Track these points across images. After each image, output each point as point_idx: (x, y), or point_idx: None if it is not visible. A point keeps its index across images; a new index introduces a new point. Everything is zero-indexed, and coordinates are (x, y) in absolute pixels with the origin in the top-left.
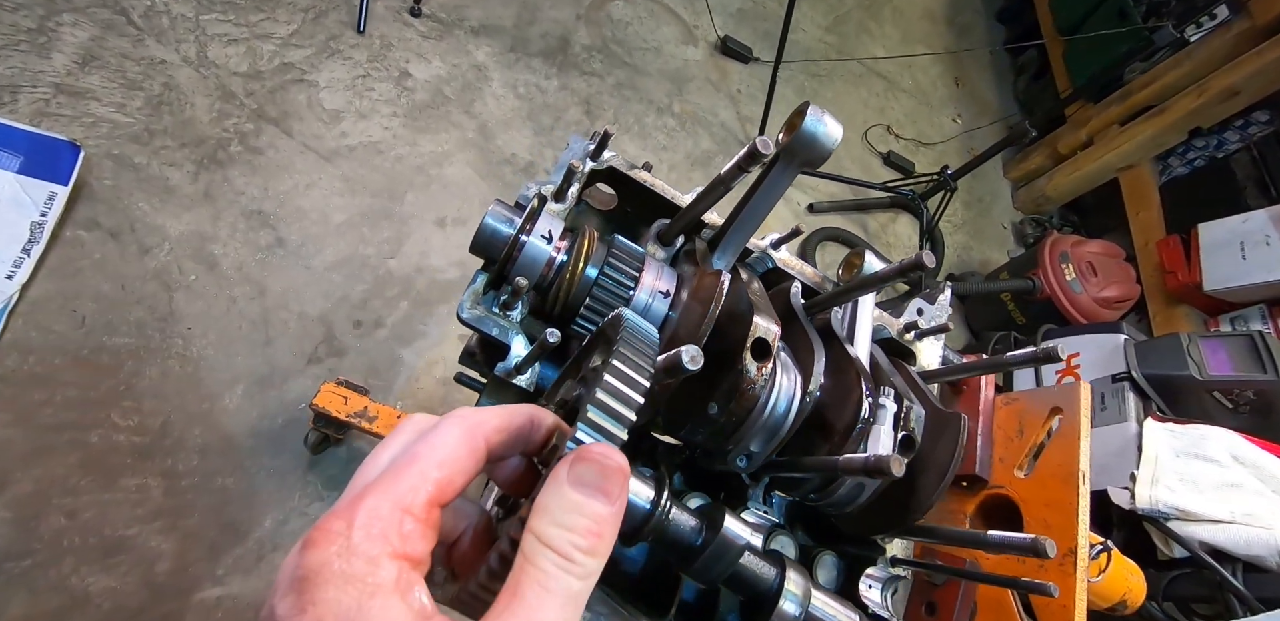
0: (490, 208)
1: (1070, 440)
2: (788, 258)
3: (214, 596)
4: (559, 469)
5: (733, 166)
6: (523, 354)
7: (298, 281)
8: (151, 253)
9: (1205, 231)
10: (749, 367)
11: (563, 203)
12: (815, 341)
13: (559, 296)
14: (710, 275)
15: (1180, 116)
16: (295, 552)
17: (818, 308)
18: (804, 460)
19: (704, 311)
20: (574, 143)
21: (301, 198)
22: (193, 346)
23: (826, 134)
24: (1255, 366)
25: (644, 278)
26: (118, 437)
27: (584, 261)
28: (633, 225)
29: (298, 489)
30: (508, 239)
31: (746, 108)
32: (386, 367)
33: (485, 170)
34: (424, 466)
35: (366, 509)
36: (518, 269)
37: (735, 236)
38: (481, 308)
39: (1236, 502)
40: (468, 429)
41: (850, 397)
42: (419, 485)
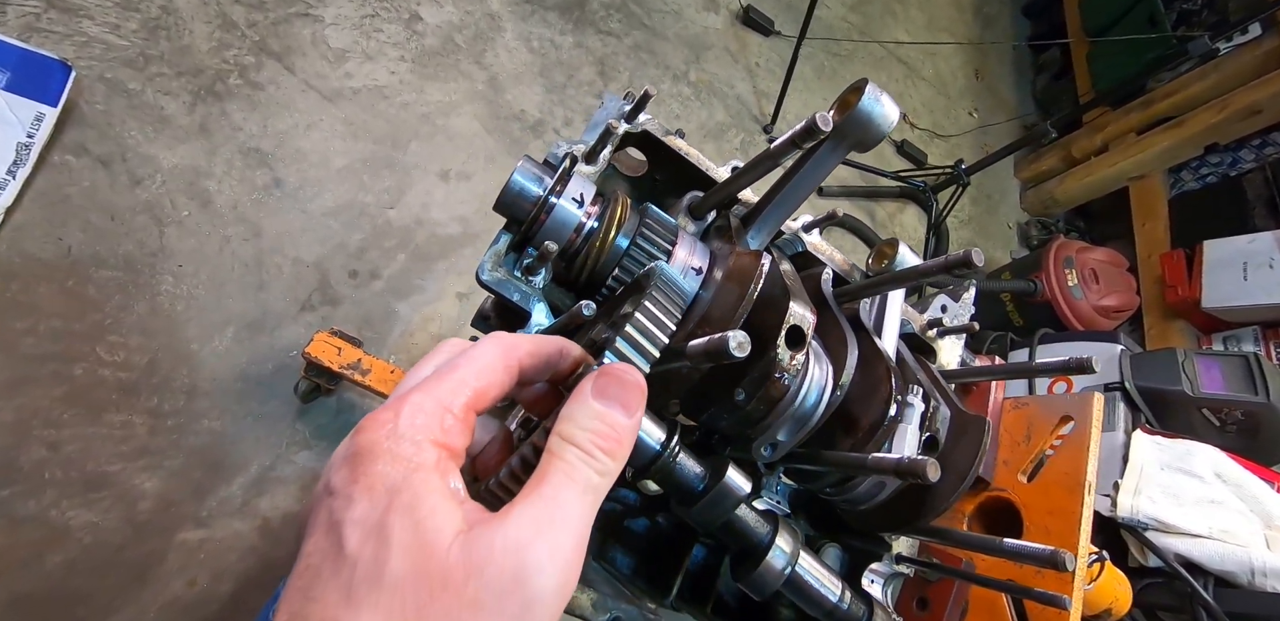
0: (519, 164)
1: (1079, 450)
2: (818, 242)
3: (197, 538)
4: (584, 383)
5: (785, 141)
6: (544, 323)
7: (294, 225)
8: (143, 184)
9: (1210, 249)
10: (782, 355)
11: (594, 165)
12: (848, 332)
13: (586, 264)
14: (748, 255)
15: (1199, 131)
16: (348, 438)
17: (846, 297)
18: (828, 454)
19: (741, 293)
20: (609, 101)
21: (301, 138)
22: (183, 284)
23: (883, 115)
24: (1247, 387)
25: (677, 252)
26: (103, 372)
27: (615, 230)
28: (660, 194)
29: (285, 436)
30: (536, 199)
31: (763, 82)
32: (381, 320)
33: (493, 125)
34: (464, 374)
35: (413, 403)
36: (545, 232)
37: (772, 216)
38: (503, 270)
39: (1215, 518)
40: (504, 348)
41: (878, 393)
42: (459, 389)
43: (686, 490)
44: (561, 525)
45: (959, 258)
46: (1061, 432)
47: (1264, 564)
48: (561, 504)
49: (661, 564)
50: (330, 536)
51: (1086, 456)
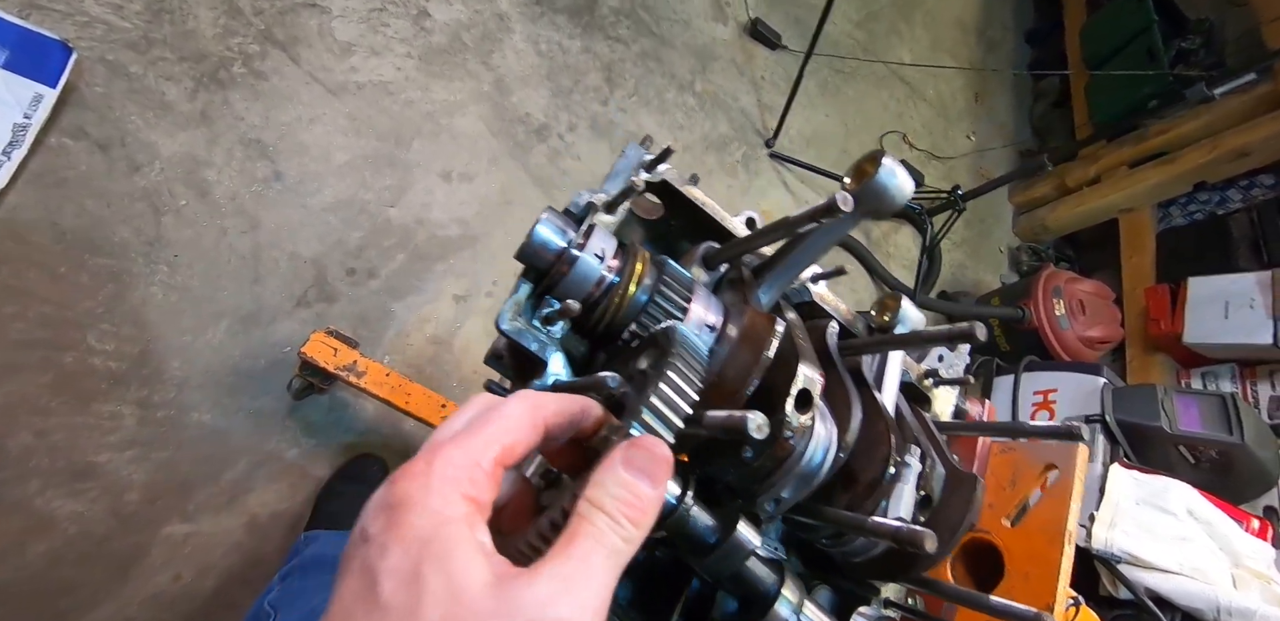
0: (543, 216)
1: (1062, 499)
2: (825, 293)
3: (182, 532)
4: (615, 452)
5: (805, 215)
6: (561, 373)
7: (292, 220)
8: (141, 171)
9: (1194, 286)
10: (790, 417)
11: (614, 215)
12: (852, 393)
13: (605, 317)
14: (763, 318)
15: (1189, 168)
16: (384, 487)
17: (850, 351)
18: (829, 511)
19: (755, 358)
20: (630, 151)
21: (304, 132)
22: (178, 275)
23: (899, 188)
24: (1223, 427)
25: (693, 308)
26: (93, 361)
27: (635, 285)
28: (674, 238)
29: (276, 433)
30: (558, 252)
31: (768, 96)
32: (376, 319)
33: (497, 127)
34: (494, 431)
35: (445, 456)
36: (566, 285)
37: (784, 274)
38: (523, 319)
39: (1186, 555)
40: (531, 407)
41: (877, 452)
42: (489, 444)
43: (698, 542)
44: (587, 584)
45: (962, 330)
46: (1047, 480)
47: (1230, 603)
48: (589, 565)
49: (658, 595)
50: (365, 582)
51: (1069, 507)
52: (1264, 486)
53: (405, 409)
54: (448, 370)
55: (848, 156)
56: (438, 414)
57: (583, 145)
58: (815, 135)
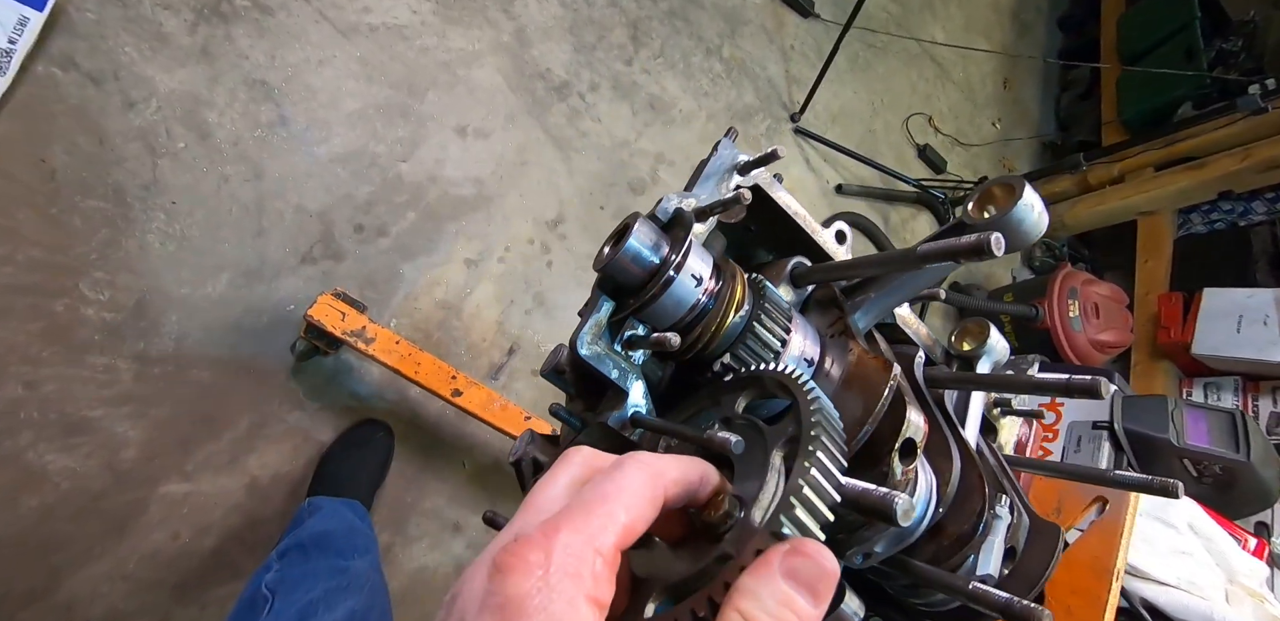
0: (636, 225)
1: (1112, 537)
2: (908, 315)
3: (181, 491)
4: (772, 556)
5: (941, 251)
6: (641, 404)
7: (298, 169)
8: (136, 108)
9: (1209, 297)
10: (895, 469)
11: (705, 224)
12: (950, 439)
13: (696, 346)
14: (875, 361)
15: (1216, 176)
16: (488, 576)
17: (934, 383)
18: (921, 568)
19: (866, 409)
20: (723, 149)
21: (312, 74)
22: (176, 223)
23: (1034, 225)
24: (1230, 443)
25: (792, 339)
26: (86, 310)
27: (735, 312)
28: (750, 245)
29: (278, 394)
30: (651, 269)
31: (796, 67)
32: (384, 280)
33: (516, 82)
34: (613, 508)
35: (562, 544)
36: (658, 309)
37: (883, 301)
38: (603, 343)
39: (1184, 569)
40: (651, 476)
41: (970, 503)
42: (609, 525)
43: None
44: None
45: (1085, 384)
46: (1092, 514)
47: (1223, 618)
48: None
49: None
50: None
51: (1118, 545)
52: (1263, 505)
53: (414, 379)
54: (456, 336)
55: (872, 137)
56: (448, 385)
57: (604, 106)
58: (842, 112)
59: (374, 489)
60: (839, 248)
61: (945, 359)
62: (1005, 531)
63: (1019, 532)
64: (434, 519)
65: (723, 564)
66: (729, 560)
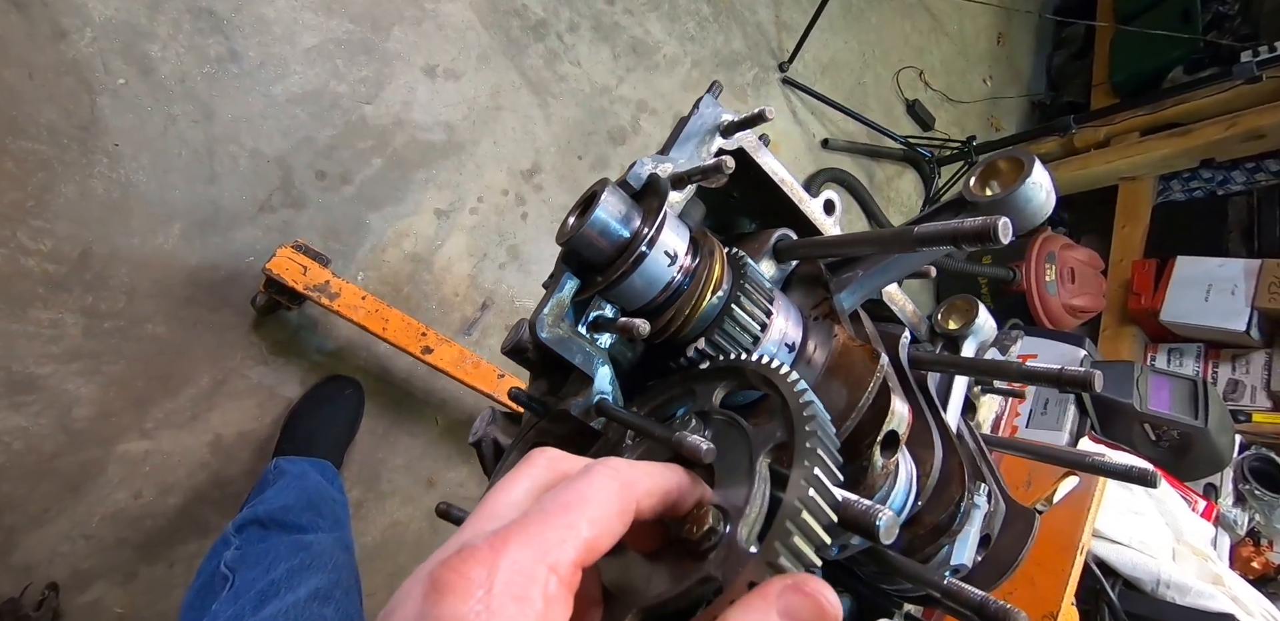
0: (604, 195)
1: (1080, 511)
2: (894, 291)
3: (141, 449)
4: (769, 591)
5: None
6: (608, 391)
7: (253, 110)
8: (69, 39)
9: (1181, 265)
10: (876, 462)
11: (681, 192)
12: (932, 426)
13: (669, 329)
14: (861, 350)
15: (1200, 144)
16: (423, 594)
17: (919, 364)
18: (896, 559)
19: (849, 401)
20: (704, 107)
21: (264, 4)
22: (120, 168)
23: (1040, 206)
24: (1190, 410)
25: (774, 321)
26: (26, 261)
27: (711, 293)
28: (732, 212)
29: (240, 349)
30: (620, 244)
31: (787, 13)
32: (349, 231)
33: (490, 18)
34: (575, 519)
35: (510, 559)
36: (625, 288)
37: (872, 280)
38: (566, 324)
39: (1135, 529)
40: (622, 486)
41: (948, 493)
42: (568, 540)
43: None
44: None
45: (1078, 376)
46: (1064, 487)
47: (1169, 576)
48: None
49: None
50: None
51: (1085, 521)
52: (1215, 468)
53: (382, 335)
54: (426, 291)
55: (861, 90)
56: (417, 342)
57: (583, 48)
58: (831, 63)
59: (344, 446)
60: (827, 219)
61: (930, 336)
62: (982, 521)
63: (995, 520)
64: (406, 474)
65: (706, 585)
66: (712, 583)
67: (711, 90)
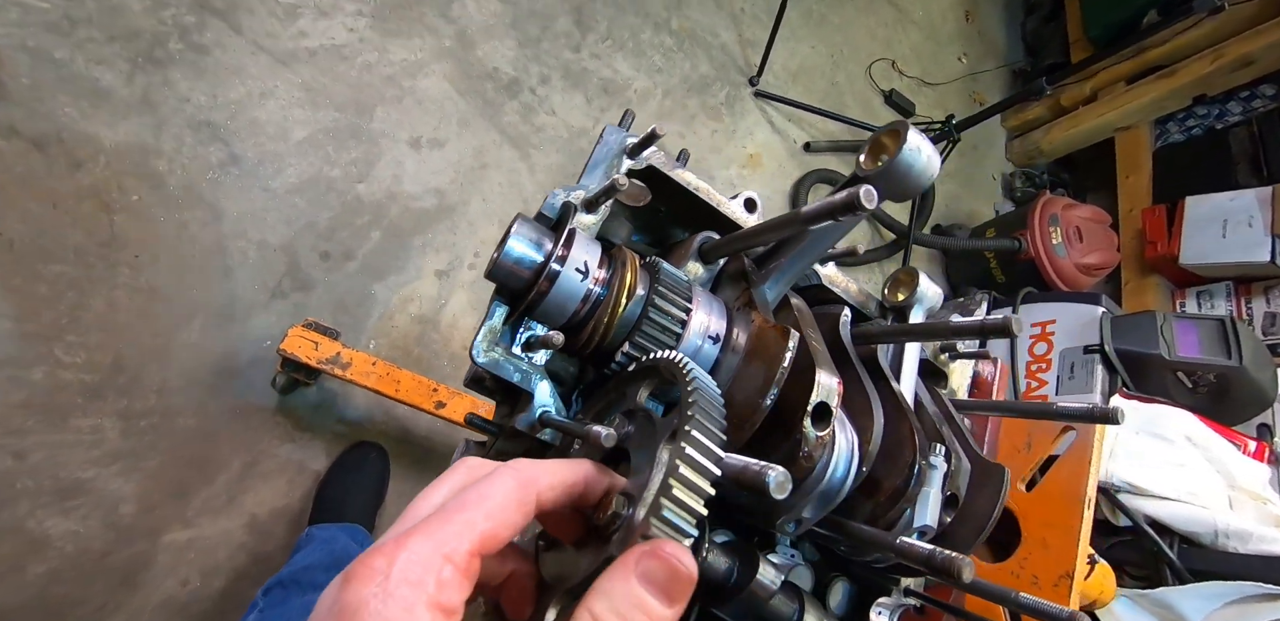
0: (515, 227)
1: (1081, 463)
2: (834, 274)
3: (184, 538)
4: (628, 557)
5: (820, 211)
6: (549, 403)
7: (256, 205)
8: (85, 167)
9: (1191, 205)
10: (809, 434)
11: (595, 214)
12: (872, 394)
13: (593, 338)
14: (773, 329)
15: (1189, 81)
16: (336, 584)
17: (864, 338)
18: (853, 527)
19: (766, 377)
20: (609, 134)
21: (256, 108)
22: (141, 276)
23: (924, 169)
24: (1221, 351)
25: (693, 318)
26: (64, 375)
27: (627, 299)
28: (662, 226)
29: (267, 430)
30: (535, 267)
31: (749, 30)
32: (357, 304)
33: (464, 85)
34: (472, 515)
35: (408, 551)
36: (547, 306)
37: (792, 266)
38: (500, 348)
39: (1183, 481)
40: (522, 483)
41: (901, 457)
42: (464, 533)
43: (717, 586)
44: None
45: (997, 324)
46: (1063, 442)
47: (1226, 525)
48: None
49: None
50: None
51: (1088, 471)
52: (1260, 407)
53: (396, 397)
54: (436, 349)
55: (836, 89)
56: (430, 398)
57: (556, 97)
58: (801, 69)
59: (374, 510)
60: (749, 216)
61: (880, 311)
62: (942, 480)
63: (959, 478)
64: None
65: (608, 564)
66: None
67: (623, 121)
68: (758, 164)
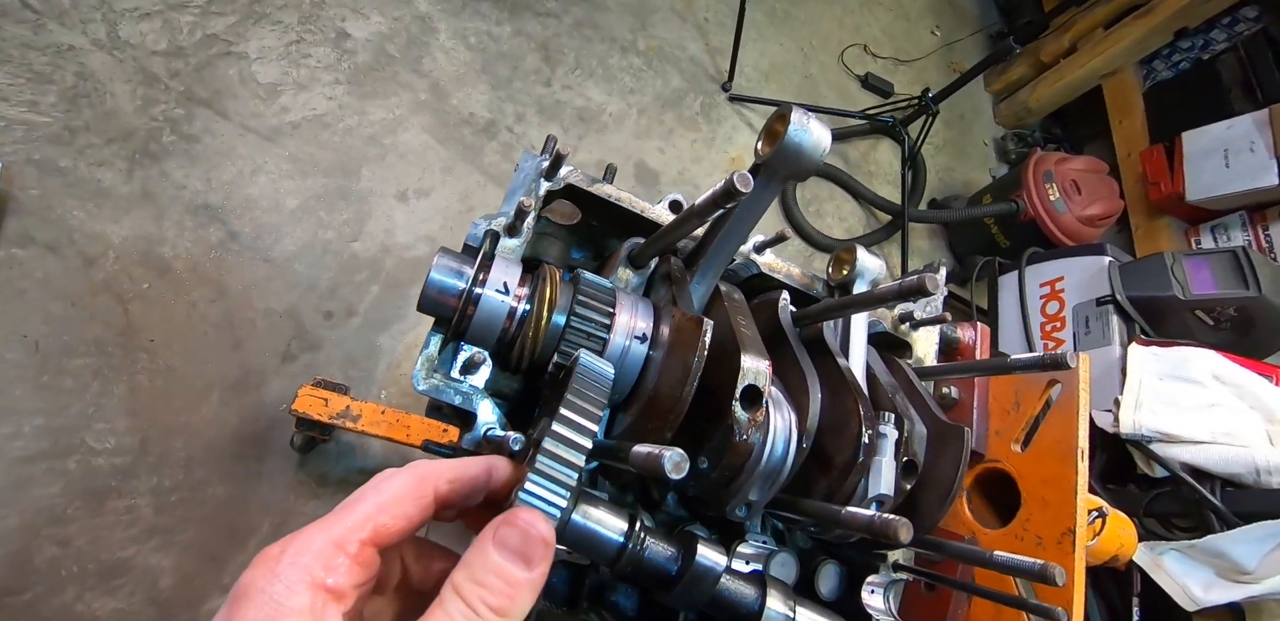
0: (435, 260)
1: (1069, 415)
2: (773, 261)
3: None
4: (487, 529)
5: (707, 202)
6: (492, 420)
7: (258, 276)
8: (97, 263)
9: (1189, 140)
10: (739, 417)
11: (518, 237)
12: (808, 371)
13: (525, 352)
14: (690, 321)
15: (1167, 16)
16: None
17: (807, 319)
18: (804, 503)
19: (686, 366)
20: (525, 161)
21: (249, 185)
22: (158, 358)
23: (814, 144)
24: (1238, 283)
25: (618, 319)
26: (97, 461)
27: (549, 310)
28: (599, 238)
29: (291, 489)
30: (459, 294)
31: (716, 38)
32: (364, 357)
33: (443, 134)
34: (366, 508)
35: (301, 539)
36: (475, 327)
37: (715, 258)
38: (440, 374)
39: (1216, 422)
40: (418, 478)
41: (848, 429)
42: (359, 524)
43: (661, 576)
44: None
45: (913, 284)
46: (1050, 396)
47: (1268, 462)
48: None
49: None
50: None
51: (1076, 422)
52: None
53: (408, 442)
54: None
55: (810, 82)
56: (442, 439)
57: (534, 133)
58: (773, 68)
59: None
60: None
61: (827, 291)
62: (894, 448)
63: (913, 444)
64: None
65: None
66: None
67: (546, 146)
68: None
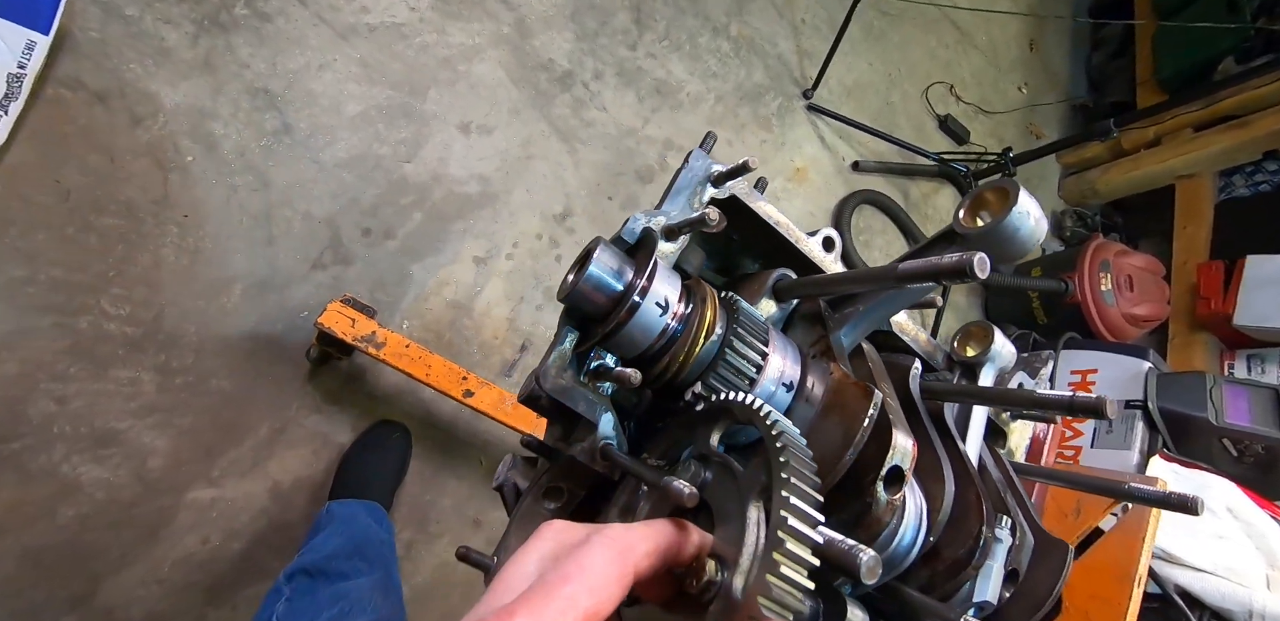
0: (597, 252)
1: (1134, 540)
2: (904, 321)
3: (208, 497)
4: None
5: (927, 270)
6: (612, 436)
7: (304, 176)
8: (144, 124)
9: (1253, 264)
10: (880, 498)
11: (675, 243)
12: (942, 457)
13: (666, 374)
14: (855, 387)
15: (1262, 134)
16: None
17: (932, 394)
18: (912, 596)
19: (845, 439)
20: (694, 160)
21: (313, 80)
22: (189, 236)
23: (1030, 234)
24: (1273, 421)
25: (770, 361)
26: (108, 326)
27: (705, 337)
28: (734, 254)
29: (296, 398)
30: (614, 296)
31: (808, 41)
32: (394, 283)
33: (519, 74)
34: (574, 590)
35: None
36: (622, 338)
37: (871, 314)
38: (569, 374)
39: (1221, 555)
40: (619, 553)
41: (966, 525)
42: (568, 612)
43: None
44: None
45: (1089, 403)
46: (1114, 512)
47: (1264, 606)
48: None
49: None
50: None
51: (1141, 548)
52: None
53: (425, 381)
54: (468, 336)
55: (890, 109)
56: (459, 386)
57: (609, 94)
58: (856, 85)
59: (393, 489)
60: (826, 256)
61: (948, 364)
62: (1005, 555)
63: (1021, 554)
64: (454, 515)
65: None
66: None
67: (705, 143)
68: (804, 178)
